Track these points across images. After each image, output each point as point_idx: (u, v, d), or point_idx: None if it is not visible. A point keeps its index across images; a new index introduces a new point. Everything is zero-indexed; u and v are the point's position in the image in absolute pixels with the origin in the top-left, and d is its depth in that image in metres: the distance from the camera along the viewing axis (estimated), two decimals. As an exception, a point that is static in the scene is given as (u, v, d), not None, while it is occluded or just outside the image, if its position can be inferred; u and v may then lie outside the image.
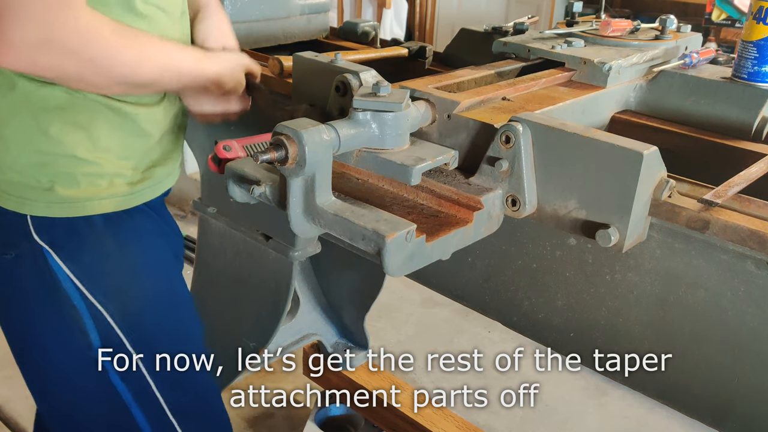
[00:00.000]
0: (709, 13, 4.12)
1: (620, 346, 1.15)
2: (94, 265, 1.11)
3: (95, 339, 1.11)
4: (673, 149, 1.16)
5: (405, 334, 2.77)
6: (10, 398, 2.34)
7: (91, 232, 1.10)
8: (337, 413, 2.16)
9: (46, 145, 1.06)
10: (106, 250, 1.13)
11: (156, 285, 1.21)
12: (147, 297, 1.18)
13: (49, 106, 1.04)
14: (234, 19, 1.69)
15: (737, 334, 1.01)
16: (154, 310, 1.19)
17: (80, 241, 1.10)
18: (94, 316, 1.11)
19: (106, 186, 1.10)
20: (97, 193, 1.09)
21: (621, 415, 2.40)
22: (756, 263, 0.96)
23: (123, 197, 1.12)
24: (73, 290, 1.10)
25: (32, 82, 1.03)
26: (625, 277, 1.10)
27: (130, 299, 1.15)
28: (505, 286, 1.28)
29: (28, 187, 1.07)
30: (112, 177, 1.10)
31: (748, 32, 1.21)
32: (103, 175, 1.09)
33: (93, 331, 1.11)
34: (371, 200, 0.96)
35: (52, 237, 1.09)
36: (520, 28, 1.51)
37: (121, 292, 1.14)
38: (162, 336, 1.19)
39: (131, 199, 1.14)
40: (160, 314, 1.20)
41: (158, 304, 1.20)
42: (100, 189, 1.09)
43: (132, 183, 1.13)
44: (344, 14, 5.31)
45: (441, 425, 1.92)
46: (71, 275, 1.09)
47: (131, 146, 1.12)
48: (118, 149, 1.10)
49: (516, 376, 1.18)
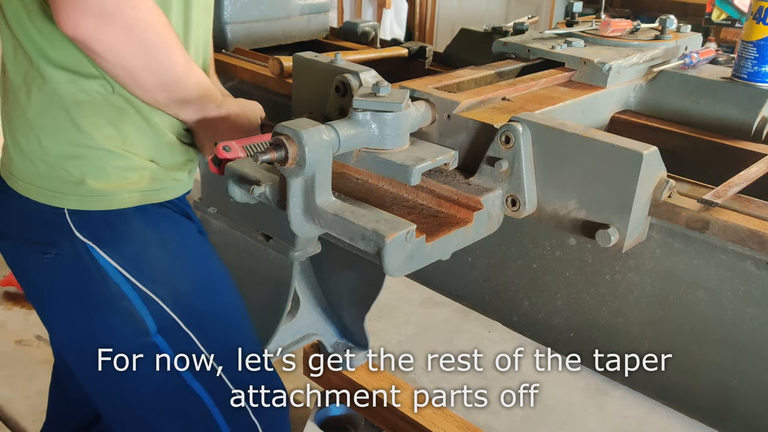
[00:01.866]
0: (709, 13, 4.12)
1: (620, 346, 1.15)
2: (137, 255, 1.14)
3: (150, 324, 1.14)
4: (673, 149, 1.16)
5: (405, 334, 2.77)
6: (10, 398, 2.33)
7: (128, 224, 1.13)
8: (337, 413, 2.16)
9: (77, 138, 1.08)
10: (147, 240, 1.16)
11: (199, 266, 1.24)
12: (193, 278, 1.22)
13: (79, 100, 1.06)
14: (234, 20, 1.69)
15: (737, 334, 1.01)
16: (203, 290, 1.23)
17: (120, 233, 1.13)
18: (147, 302, 1.13)
19: (135, 179, 1.12)
20: (126, 186, 1.11)
21: (621, 415, 2.40)
22: (756, 263, 0.96)
23: (152, 191, 1.15)
24: (122, 281, 1.12)
25: (65, 74, 1.05)
26: (625, 277, 1.10)
27: (179, 283, 1.18)
28: (505, 286, 1.28)
29: (60, 180, 1.09)
30: (140, 171, 1.12)
31: (748, 32, 1.21)
32: (133, 168, 1.12)
33: (147, 316, 1.14)
34: (371, 200, 0.96)
35: (94, 231, 1.11)
36: (520, 28, 1.51)
37: (168, 277, 1.17)
38: (213, 314, 1.23)
39: (158, 194, 1.16)
40: (208, 293, 1.24)
41: (204, 283, 1.24)
42: (129, 182, 1.12)
43: (158, 179, 1.15)
44: (344, 14, 5.31)
45: (441, 425, 1.92)
46: (118, 267, 1.12)
47: (156, 146, 1.14)
48: (143, 148, 1.12)
49: (516, 376, 1.18)
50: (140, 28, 0.99)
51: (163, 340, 1.15)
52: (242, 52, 1.69)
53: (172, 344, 1.16)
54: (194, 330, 1.17)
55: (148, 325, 1.14)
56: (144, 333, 1.14)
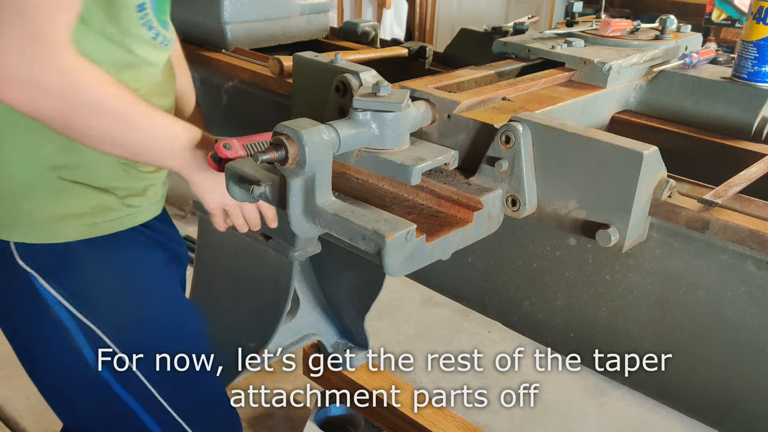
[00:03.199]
0: (709, 13, 4.12)
1: (620, 346, 1.15)
2: (82, 286, 1.11)
3: (90, 355, 1.12)
4: (673, 149, 1.16)
5: (405, 334, 2.77)
6: (10, 398, 2.33)
7: (74, 255, 1.10)
8: (337, 413, 2.16)
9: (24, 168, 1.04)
10: (94, 271, 1.13)
11: (153, 299, 1.20)
12: (138, 310, 1.18)
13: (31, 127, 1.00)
14: (234, 19, 1.69)
15: (737, 334, 1.01)
16: (147, 322, 1.19)
17: (65, 264, 1.10)
18: (86, 334, 1.11)
19: (89, 211, 1.09)
20: (79, 219, 1.08)
21: (621, 415, 2.40)
22: (756, 263, 0.96)
23: (104, 222, 1.11)
24: (63, 312, 1.10)
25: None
26: (625, 277, 1.10)
27: (124, 316, 1.15)
28: (505, 286, 1.28)
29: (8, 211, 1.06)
30: (90, 201, 1.09)
31: (748, 32, 1.21)
32: (82, 198, 1.08)
33: (86, 346, 1.11)
34: (371, 200, 0.96)
35: (37, 261, 1.08)
36: (520, 28, 1.51)
37: (114, 310, 1.14)
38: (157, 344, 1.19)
39: (111, 225, 1.12)
40: (153, 325, 1.20)
41: (150, 315, 1.20)
42: (84, 215, 1.08)
43: (111, 208, 1.12)
44: (344, 14, 5.31)
45: (441, 425, 1.92)
46: (60, 297, 1.09)
47: (112, 177, 1.10)
48: (94, 177, 1.08)
49: (516, 376, 1.18)
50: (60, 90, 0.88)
51: (106, 369, 1.13)
52: (242, 52, 1.69)
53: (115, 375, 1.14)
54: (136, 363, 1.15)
55: (87, 356, 1.12)
56: (84, 363, 1.12)
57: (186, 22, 1.75)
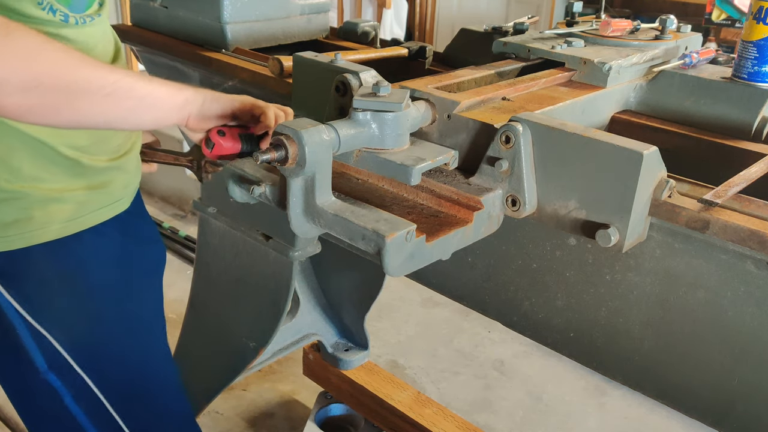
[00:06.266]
0: (709, 13, 4.12)
1: (620, 346, 1.15)
2: (36, 292, 1.08)
3: (41, 364, 1.10)
4: (673, 149, 1.16)
5: (405, 334, 2.77)
6: (10, 398, 2.33)
7: (31, 261, 1.06)
8: (337, 413, 2.16)
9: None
10: (49, 278, 1.09)
11: (103, 308, 1.16)
12: (93, 321, 1.14)
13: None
14: (234, 19, 1.69)
15: (737, 334, 1.01)
16: (102, 333, 1.16)
17: (21, 270, 1.06)
18: (39, 342, 1.09)
19: (41, 215, 1.04)
20: (30, 225, 1.04)
21: (621, 415, 2.40)
22: (756, 263, 0.95)
23: (62, 224, 1.06)
24: (16, 317, 1.07)
25: None
26: (625, 277, 1.10)
27: (76, 324, 1.12)
28: (505, 286, 1.28)
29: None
30: (45, 206, 1.04)
31: (748, 32, 1.21)
32: (35, 205, 1.03)
33: (38, 356, 1.09)
34: (371, 200, 0.96)
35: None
36: (520, 28, 1.51)
37: (69, 316, 1.11)
38: (113, 357, 1.17)
39: (71, 226, 1.08)
40: (108, 336, 1.17)
41: (106, 326, 1.16)
42: (34, 220, 1.04)
43: (67, 211, 1.07)
44: (344, 14, 5.31)
45: (441, 425, 1.92)
46: (14, 303, 1.06)
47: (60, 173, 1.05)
48: (46, 178, 1.03)
49: (516, 376, 1.18)
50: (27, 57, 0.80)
51: (57, 379, 1.11)
52: (242, 52, 1.69)
53: (66, 384, 1.11)
54: (89, 373, 1.12)
55: (37, 363, 1.09)
56: (35, 371, 1.10)
57: (186, 22, 1.76)
